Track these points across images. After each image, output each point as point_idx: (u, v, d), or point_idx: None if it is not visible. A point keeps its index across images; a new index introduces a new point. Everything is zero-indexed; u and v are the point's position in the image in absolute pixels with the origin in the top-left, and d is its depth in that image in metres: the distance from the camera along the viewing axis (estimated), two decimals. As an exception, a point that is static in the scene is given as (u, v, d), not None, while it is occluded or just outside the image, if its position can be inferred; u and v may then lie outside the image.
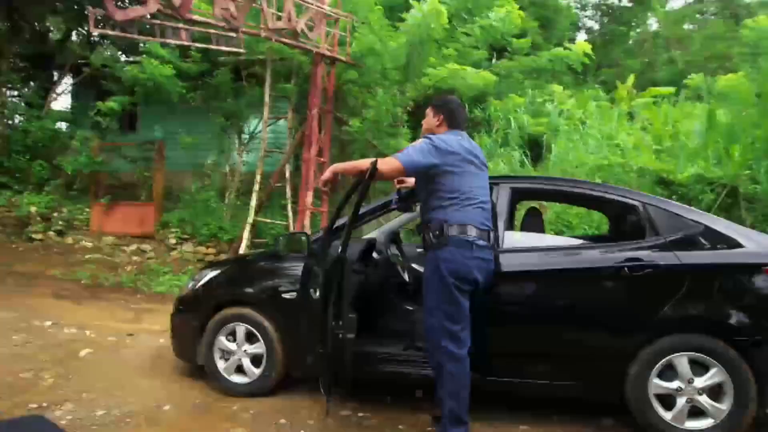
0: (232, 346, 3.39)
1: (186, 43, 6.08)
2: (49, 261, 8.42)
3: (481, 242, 2.58)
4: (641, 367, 2.71)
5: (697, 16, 18.79)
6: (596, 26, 18.08)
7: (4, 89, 10.17)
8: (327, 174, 2.65)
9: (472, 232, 2.56)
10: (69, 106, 12.00)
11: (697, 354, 2.67)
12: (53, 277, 7.85)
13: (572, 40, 18.18)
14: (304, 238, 3.19)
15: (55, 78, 11.60)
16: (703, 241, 2.81)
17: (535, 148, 9.68)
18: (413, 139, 8.52)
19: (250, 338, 3.37)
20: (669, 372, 2.70)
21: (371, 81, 7.94)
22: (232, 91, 8.96)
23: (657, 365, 2.70)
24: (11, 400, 3.21)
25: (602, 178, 7.81)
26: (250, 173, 8.93)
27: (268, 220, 8.36)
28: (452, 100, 2.89)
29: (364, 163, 2.51)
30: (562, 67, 8.49)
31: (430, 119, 2.84)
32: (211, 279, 3.56)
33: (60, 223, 9.10)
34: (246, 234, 8.05)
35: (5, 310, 5.59)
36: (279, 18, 6.89)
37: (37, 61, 11.55)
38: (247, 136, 9.37)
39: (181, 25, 5.81)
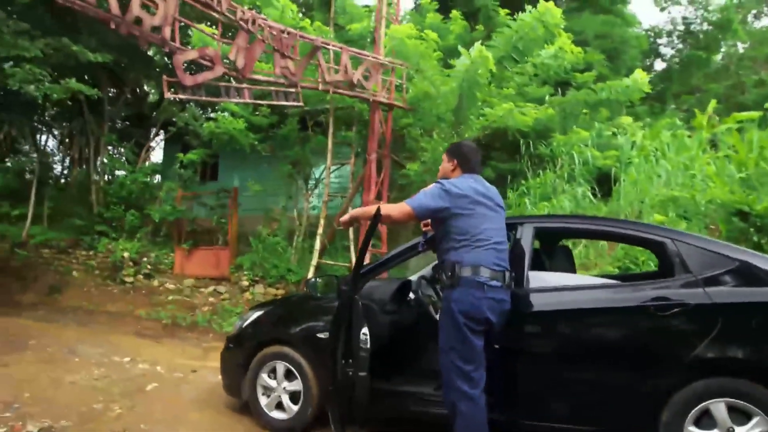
0: (273, 383, 3.58)
1: (248, 101, 6.64)
2: (137, 302, 9.20)
3: (493, 283, 2.61)
4: (674, 414, 2.56)
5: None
6: (672, 52, 17.36)
7: (105, 148, 11.43)
8: (345, 217, 2.83)
9: (484, 273, 2.61)
10: (161, 160, 13.26)
11: (737, 400, 2.49)
12: (138, 316, 8.57)
13: (649, 68, 17.65)
14: (334, 280, 3.36)
15: (152, 135, 12.94)
16: (739, 278, 2.66)
17: (606, 183, 9.40)
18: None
19: (289, 376, 3.55)
20: (706, 420, 2.53)
21: (427, 124, 8.17)
22: (298, 139, 9.53)
23: (692, 412, 2.54)
24: (81, 427, 3.58)
25: (673, 211, 7.44)
26: (316, 217, 9.36)
27: (331, 262, 8.66)
28: (465, 145, 3.00)
29: (374, 209, 2.67)
30: (620, 99, 8.27)
31: (445, 164, 2.96)
32: (255, 319, 3.81)
33: (148, 267, 9.94)
34: (311, 275, 8.38)
35: (93, 346, 6.19)
36: (336, 71, 7.33)
37: (134, 120, 12.95)
38: (313, 182, 9.86)
39: (244, 84, 6.38)
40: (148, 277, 9.91)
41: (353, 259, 8.65)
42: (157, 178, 12.44)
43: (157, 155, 14.21)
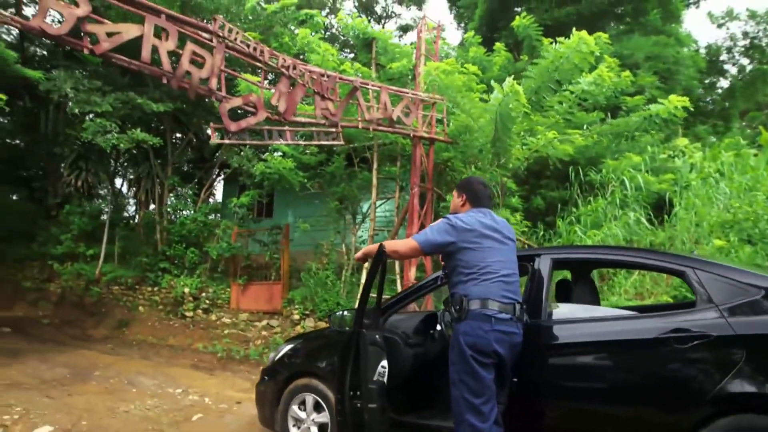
0: (303, 414, 3.69)
1: (290, 142, 6.98)
2: (195, 335, 9.65)
3: (502, 315, 2.63)
4: (701, 453, 2.44)
5: None
6: (734, 69, 16.58)
7: (168, 190, 12.24)
8: (359, 254, 2.96)
9: (493, 306, 2.63)
10: (220, 200, 14.00)
11: (765, 440, 2.35)
12: (196, 349, 8.98)
13: (711, 87, 16.90)
14: (350, 315, 3.46)
15: (212, 176, 13.74)
16: (765, 307, 2.54)
17: (663, 208, 9.06)
18: (516, 210, 8.53)
19: (318, 408, 3.65)
20: (735, 460, 2.40)
21: (469, 157, 8.24)
22: (345, 176, 9.82)
23: (720, 451, 2.42)
24: (128, 455, 3.83)
25: (735, 236, 7.07)
26: (364, 251, 9.53)
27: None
28: (474, 180, 3.06)
29: (386, 246, 2.79)
30: (652, 124, 8.05)
31: (455, 200, 3.04)
32: (286, 352, 3.96)
33: (206, 301, 10.43)
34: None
35: (150, 378, 6.56)
36: (376, 109, 7.57)
37: (197, 163, 13.80)
38: (360, 217, 10.09)
39: (286, 127, 6.72)
40: (207, 312, 10.38)
41: (398, 290, 8.73)
42: (217, 216, 13.12)
43: (218, 195, 15.03)
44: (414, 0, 19.66)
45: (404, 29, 19.95)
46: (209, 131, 6.16)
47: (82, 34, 5.03)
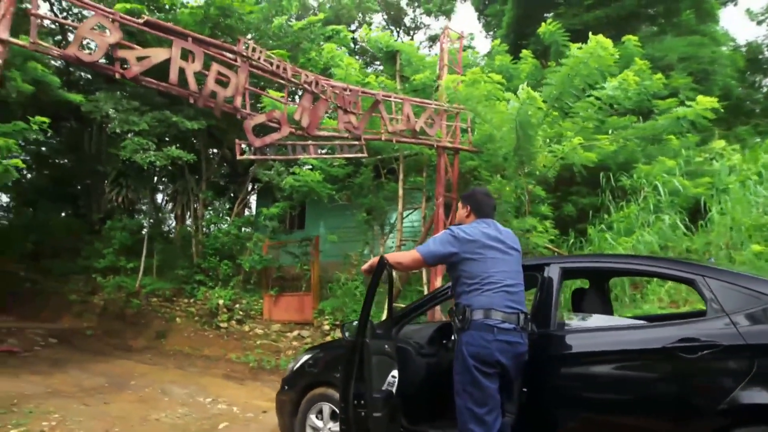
0: (320, 423, 3.76)
1: (314, 156, 7.14)
2: (229, 346, 9.89)
3: (505, 325, 2.64)
4: (713, 466, 2.38)
5: None
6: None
7: (203, 204, 12.63)
8: (365, 266, 3.01)
9: (495, 316, 2.65)
10: (253, 213, 14.34)
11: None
12: (229, 360, 9.20)
13: (753, 86, 16.26)
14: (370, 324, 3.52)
15: (245, 189, 14.10)
16: (778, 316, 2.46)
17: (700, 213, 8.79)
18: (545, 218, 8.43)
19: (334, 417, 3.70)
20: (748, 473, 2.33)
21: (494, 165, 8.22)
22: (372, 187, 9.93)
23: (732, 464, 2.35)
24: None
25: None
26: (391, 261, 9.59)
27: (404, 305, 8.78)
28: (478, 192, 3.10)
29: (389, 258, 2.86)
30: (681, 127, 7.84)
31: (460, 211, 3.08)
32: (304, 361, 4.05)
33: (240, 313, 10.68)
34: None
35: (182, 387, 6.78)
36: (399, 121, 7.66)
37: (231, 177, 14.21)
38: (388, 227, 10.16)
39: (309, 141, 6.88)
40: (240, 323, 10.62)
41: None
42: (250, 229, 13.44)
43: (253, 208, 15.40)
44: (442, 10, 19.75)
45: (433, 39, 20.08)
46: (236, 147, 6.34)
47: (114, 59, 5.32)
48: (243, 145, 6.54)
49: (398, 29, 20.71)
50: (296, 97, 9.31)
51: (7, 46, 4.82)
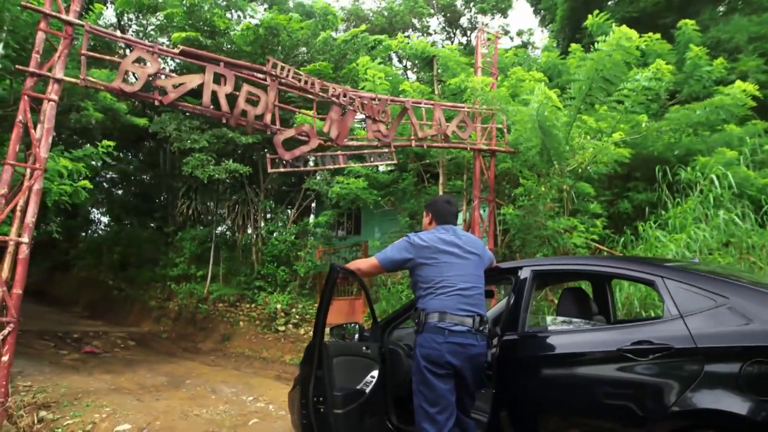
0: (322, 420, 3.99)
1: (343, 166, 7.43)
2: (285, 348, 10.41)
3: (457, 328, 2.73)
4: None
5: None
6: None
7: (262, 213, 13.36)
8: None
9: (448, 319, 2.75)
10: (311, 220, 14.95)
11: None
12: (284, 362, 9.68)
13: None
14: (357, 327, 3.70)
15: (300, 198, 14.74)
16: (731, 317, 2.36)
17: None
18: (597, 216, 8.17)
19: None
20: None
21: (530, 165, 8.11)
22: (415, 192, 10.08)
23: (681, 470, 2.31)
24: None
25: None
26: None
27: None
28: (439, 200, 3.20)
29: (350, 265, 3.04)
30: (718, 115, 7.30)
31: (424, 219, 3.22)
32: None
33: (296, 316, 11.19)
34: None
35: (231, 386, 7.27)
36: (430, 126, 7.76)
37: (288, 186, 14.90)
38: (432, 230, 10.27)
39: (339, 151, 7.17)
40: (297, 326, 11.12)
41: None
42: (308, 236, 14.02)
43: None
44: (498, 8, 19.48)
45: (488, 39, 19.78)
46: (267, 161, 6.76)
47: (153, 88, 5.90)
48: (269, 160, 6.87)
49: (454, 31, 20.66)
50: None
51: (61, 83, 5.51)
